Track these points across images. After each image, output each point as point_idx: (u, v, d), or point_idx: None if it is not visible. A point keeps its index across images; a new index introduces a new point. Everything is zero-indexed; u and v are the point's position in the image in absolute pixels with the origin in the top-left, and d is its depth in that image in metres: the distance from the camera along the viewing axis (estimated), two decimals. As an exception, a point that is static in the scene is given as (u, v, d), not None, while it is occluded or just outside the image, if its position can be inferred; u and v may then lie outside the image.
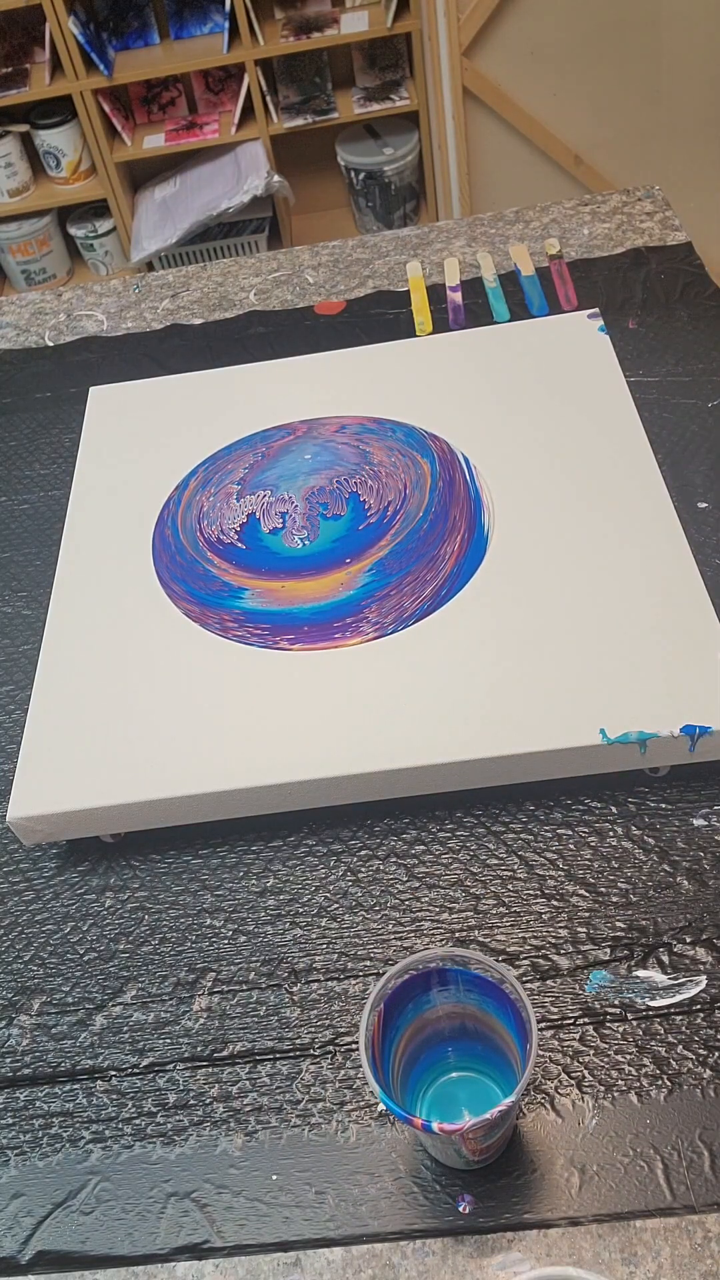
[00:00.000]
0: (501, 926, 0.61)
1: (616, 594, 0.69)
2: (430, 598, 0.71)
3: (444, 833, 0.65)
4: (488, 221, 1.09)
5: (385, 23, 2.04)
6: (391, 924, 0.62)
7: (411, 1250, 0.51)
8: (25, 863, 0.68)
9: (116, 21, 2.12)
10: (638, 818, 0.64)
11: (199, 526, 0.79)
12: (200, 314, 1.06)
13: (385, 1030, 0.50)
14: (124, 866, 0.67)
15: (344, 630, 0.70)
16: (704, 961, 0.58)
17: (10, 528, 0.88)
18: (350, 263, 1.09)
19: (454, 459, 0.80)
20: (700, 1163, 0.52)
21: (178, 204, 2.24)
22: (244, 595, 0.74)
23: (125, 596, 0.75)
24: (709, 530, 0.76)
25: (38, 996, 0.62)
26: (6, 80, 2.12)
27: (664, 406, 0.86)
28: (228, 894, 0.65)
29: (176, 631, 0.72)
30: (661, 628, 0.66)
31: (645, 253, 1.01)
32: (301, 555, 0.76)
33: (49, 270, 2.36)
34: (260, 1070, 0.58)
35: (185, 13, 2.12)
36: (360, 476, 0.80)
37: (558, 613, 0.68)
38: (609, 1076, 0.55)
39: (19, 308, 1.13)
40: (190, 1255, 0.52)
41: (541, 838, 0.64)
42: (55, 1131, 0.57)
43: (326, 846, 0.66)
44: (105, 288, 1.12)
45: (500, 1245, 0.51)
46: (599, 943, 0.59)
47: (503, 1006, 0.50)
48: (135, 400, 0.92)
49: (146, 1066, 0.59)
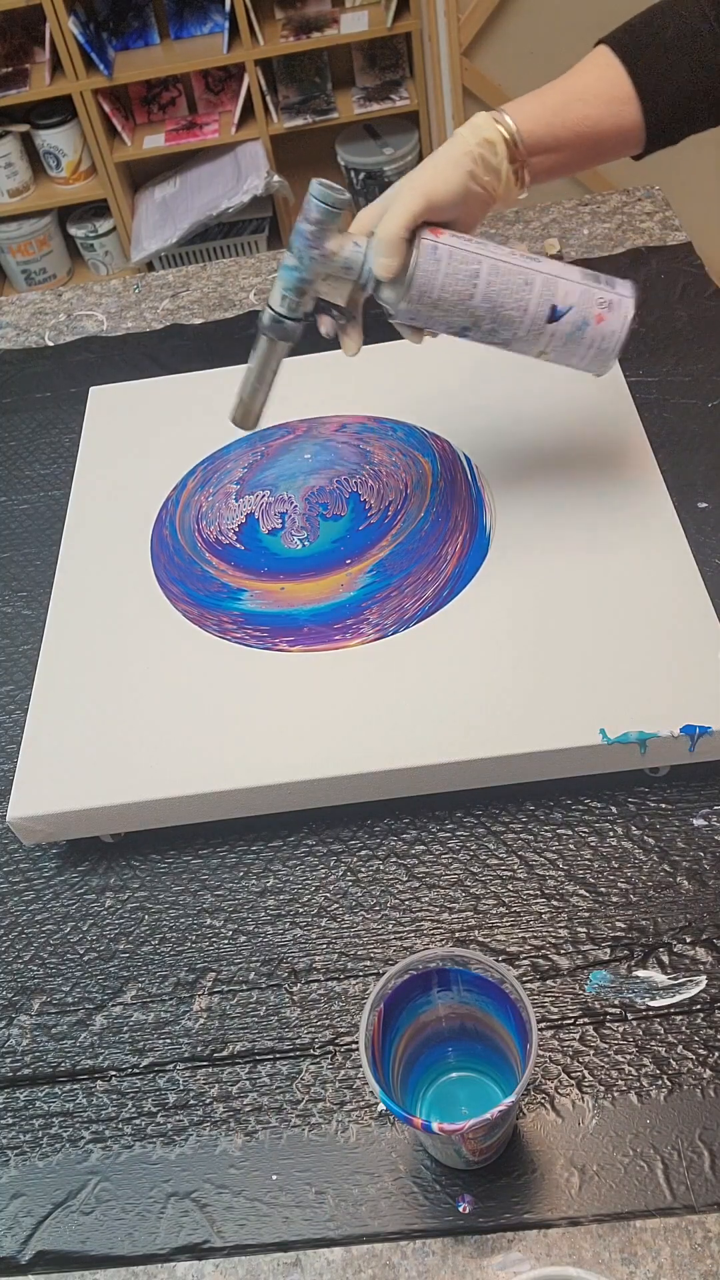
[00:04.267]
0: (501, 926, 0.61)
1: (617, 594, 0.69)
2: (431, 599, 0.71)
3: (444, 833, 0.65)
4: (488, 221, 1.09)
5: (385, 23, 2.04)
6: (391, 924, 0.62)
7: (411, 1250, 0.51)
8: (25, 863, 0.68)
9: (116, 21, 2.12)
10: (638, 818, 0.64)
11: (197, 527, 0.79)
12: (200, 314, 1.06)
13: (385, 1030, 0.50)
14: (124, 866, 0.67)
15: (344, 632, 0.70)
16: (704, 961, 0.58)
17: (10, 528, 0.88)
18: (350, 263, 1.09)
19: (455, 459, 0.80)
20: (700, 1163, 0.52)
21: (178, 204, 2.24)
22: (243, 596, 0.74)
23: (125, 597, 0.75)
24: (709, 530, 0.76)
25: (38, 996, 0.62)
26: (6, 80, 2.12)
27: (664, 406, 0.86)
28: (228, 894, 0.65)
29: (176, 632, 0.72)
30: (661, 628, 0.66)
31: (645, 253, 1.01)
32: (301, 556, 0.76)
33: (49, 270, 2.36)
34: (260, 1070, 0.58)
35: (185, 13, 2.12)
36: (360, 476, 0.80)
37: (558, 613, 0.68)
38: (609, 1076, 0.55)
39: (19, 308, 1.13)
40: (190, 1255, 0.52)
41: (541, 838, 0.64)
42: (55, 1131, 0.57)
43: (326, 846, 0.66)
44: (105, 288, 1.12)
45: (500, 1245, 0.51)
46: (599, 943, 0.59)
47: (503, 1006, 0.50)
48: (135, 400, 0.92)
49: (146, 1066, 0.59)
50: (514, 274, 0.63)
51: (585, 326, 0.64)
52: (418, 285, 0.63)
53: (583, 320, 0.64)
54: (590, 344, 0.65)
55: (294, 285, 0.64)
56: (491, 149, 0.63)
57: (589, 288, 0.64)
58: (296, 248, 0.63)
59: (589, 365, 0.67)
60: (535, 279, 0.63)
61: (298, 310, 0.65)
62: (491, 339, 0.66)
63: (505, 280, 0.63)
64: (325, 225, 0.62)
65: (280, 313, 0.65)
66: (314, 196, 0.61)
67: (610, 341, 0.65)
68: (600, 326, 0.64)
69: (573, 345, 0.65)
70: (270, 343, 0.67)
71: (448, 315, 0.64)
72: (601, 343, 0.65)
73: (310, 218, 0.62)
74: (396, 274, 0.62)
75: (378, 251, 0.62)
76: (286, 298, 0.65)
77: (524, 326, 0.64)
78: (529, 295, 0.63)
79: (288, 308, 0.65)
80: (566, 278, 0.64)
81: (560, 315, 0.63)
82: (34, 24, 2.11)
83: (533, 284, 0.63)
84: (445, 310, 0.64)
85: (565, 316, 0.63)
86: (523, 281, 0.63)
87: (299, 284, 0.64)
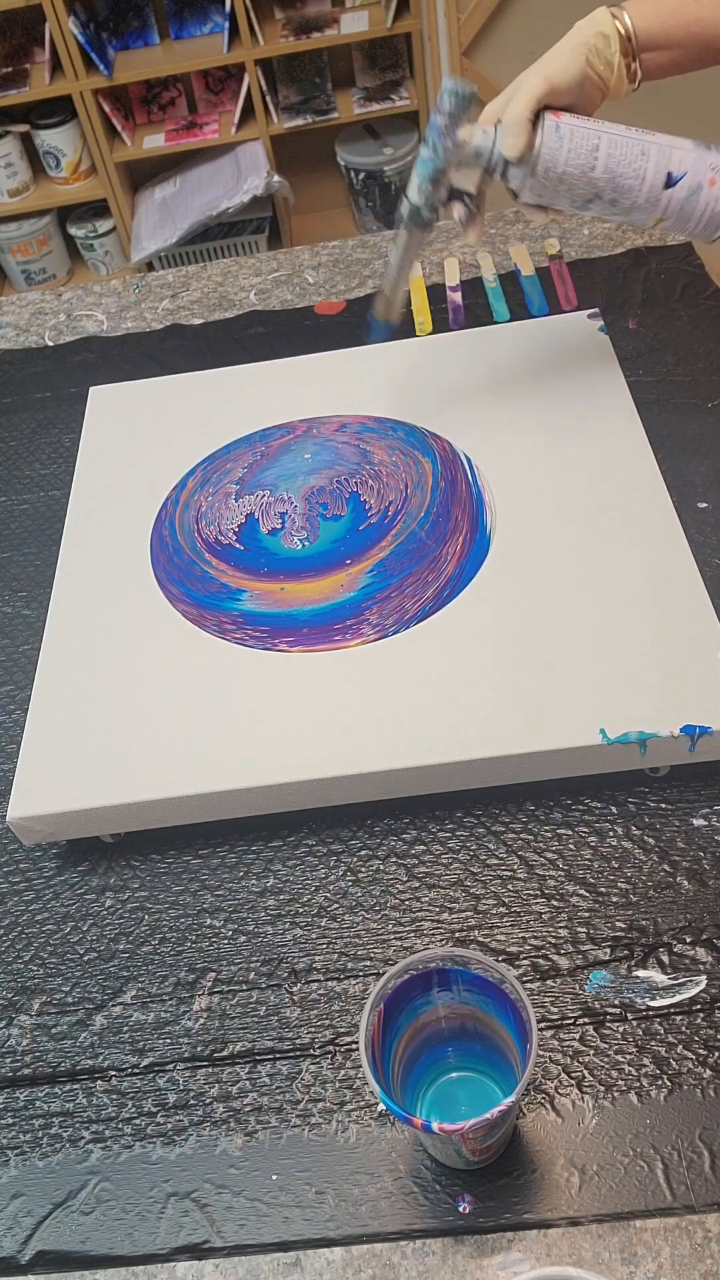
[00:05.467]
0: (501, 926, 0.61)
1: (617, 594, 0.69)
2: (432, 599, 0.71)
3: (444, 833, 0.65)
4: (488, 221, 1.09)
5: (385, 23, 2.04)
6: (391, 924, 0.62)
7: (411, 1250, 0.51)
8: (25, 863, 0.68)
9: (116, 21, 2.12)
10: (638, 818, 0.64)
11: (196, 527, 0.79)
12: (200, 314, 1.06)
13: (385, 1030, 0.50)
14: (124, 866, 0.67)
15: (344, 633, 0.70)
16: (704, 961, 0.58)
17: (10, 528, 0.88)
18: (350, 263, 1.09)
19: (456, 458, 0.80)
20: (700, 1163, 0.52)
21: (178, 204, 2.24)
22: (242, 597, 0.74)
23: (125, 597, 0.75)
24: (709, 530, 0.76)
25: (38, 996, 0.62)
26: (6, 80, 2.12)
27: (664, 406, 0.86)
28: (228, 894, 0.65)
29: (176, 633, 0.72)
30: (661, 628, 0.66)
31: (645, 253, 1.01)
32: (301, 556, 0.76)
33: (49, 270, 2.36)
34: (260, 1070, 0.58)
35: (185, 13, 2.12)
36: (361, 476, 0.80)
37: (558, 613, 0.68)
38: (609, 1076, 0.55)
39: (19, 308, 1.13)
40: (190, 1255, 0.52)
41: (541, 838, 0.64)
42: (55, 1131, 0.57)
43: (326, 846, 0.66)
44: (105, 288, 1.12)
45: (500, 1245, 0.51)
46: (599, 943, 0.59)
47: (503, 1006, 0.50)
48: (135, 400, 0.92)
49: (146, 1066, 0.59)
50: (631, 145, 0.67)
51: (699, 191, 0.67)
52: (543, 161, 0.67)
53: (697, 184, 0.67)
54: (704, 208, 0.68)
55: (430, 175, 0.69)
56: (606, 41, 0.67)
57: (701, 154, 0.68)
58: (431, 139, 0.68)
59: (704, 230, 0.70)
60: (650, 149, 0.67)
61: (434, 199, 0.70)
62: (613, 209, 0.69)
63: (623, 151, 0.67)
64: (457, 116, 0.68)
65: (417, 204, 0.70)
66: (445, 90, 0.66)
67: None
68: (714, 190, 0.67)
69: (689, 210, 0.68)
70: (410, 233, 0.72)
71: (572, 189, 0.68)
72: (715, 205, 0.68)
73: (443, 109, 0.67)
74: (524, 152, 0.67)
75: (506, 133, 0.67)
76: (423, 188, 0.69)
77: (643, 194, 0.68)
78: (646, 164, 0.67)
79: (424, 198, 0.70)
80: (679, 147, 0.68)
81: (676, 181, 0.67)
82: (34, 24, 2.11)
83: (649, 154, 0.67)
84: (570, 184, 0.68)
85: (681, 182, 0.67)
86: (639, 152, 0.67)
87: (435, 174, 0.69)
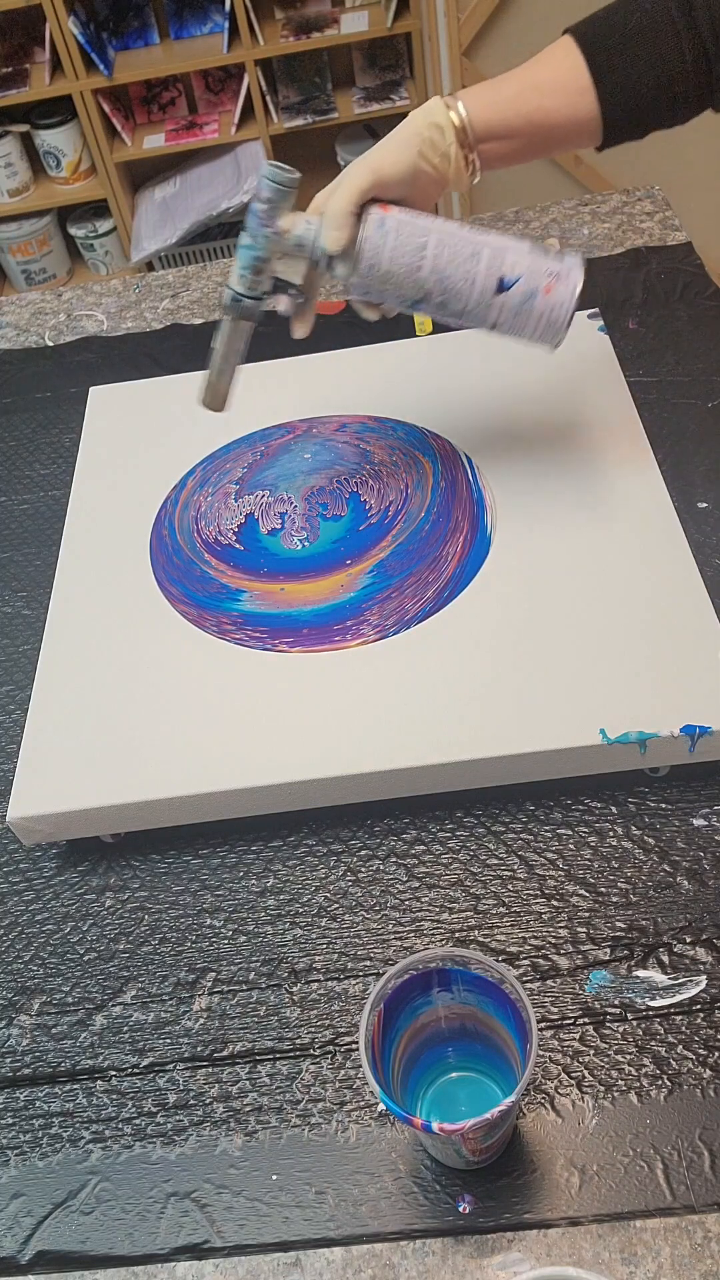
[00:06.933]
0: (501, 926, 0.61)
1: (617, 594, 0.69)
2: (432, 599, 0.71)
3: (444, 833, 0.65)
4: (488, 221, 1.09)
5: (385, 23, 2.04)
6: (391, 924, 0.62)
7: (411, 1250, 0.51)
8: (25, 863, 0.68)
9: (116, 21, 2.12)
10: (638, 818, 0.64)
11: (196, 527, 0.79)
12: (200, 314, 1.06)
13: (385, 1030, 0.50)
14: (124, 866, 0.67)
15: (344, 633, 0.70)
16: (704, 961, 0.58)
17: (10, 528, 0.88)
18: (350, 263, 1.09)
19: (456, 458, 0.80)
20: (700, 1163, 0.52)
21: (178, 204, 2.24)
22: (242, 597, 0.74)
23: (125, 598, 0.75)
24: (709, 530, 0.76)
25: (38, 996, 0.62)
26: (6, 80, 2.12)
27: (664, 406, 0.86)
28: (228, 894, 0.65)
29: (175, 633, 0.72)
30: (661, 628, 0.66)
31: (645, 253, 1.01)
32: (301, 556, 0.76)
33: (49, 270, 2.36)
34: (260, 1070, 0.58)
35: (185, 13, 2.12)
36: (361, 476, 0.80)
37: (558, 613, 0.68)
38: (609, 1076, 0.55)
39: (19, 308, 1.13)
40: (190, 1255, 0.52)
41: (541, 838, 0.64)
42: (55, 1131, 0.57)
43: (326, 846, 0.66)
44: (105, 288, 1.12)
45: (500, 1245, 0.51)
46: (599, 943, 0.59)
47: (503, 1006, 0.50)
48: (135, 400, 0.92)
49: (146, 1066, 0.59)
50: (461, 246, 0.64)
51: (534, 297, 0.65)
52: (366, 258, 0.64)
53: (531, 291, 0.64)
54: (540, 315, 0.65)
55: (250, 263, 0.66)
56: (440, 133, 0.64)
57: (536, 259, 0.65)
58: (250, 226, 0.65)
59: (540, 337, 0.67)
60: (483, 250, 0.64)
61: (256, 289, 0.67)
62: (443, 312, 0.67)
63: (453, 252, 0.64)
64: (277, 204, 0.64)
65: (239, 291, 0.67)
66: (265, 176, 0.63)
67: (559, 312, 0.65)
68: (549, 297, 0.65)
69: (523, 317, 0.66)
70: (233, 322, 0.69)
71: (398, 288, 0.65)
72: (550, 313, 0.65)
73: (262, 197, 0.64)
74: (345, 247, 0.64)
75: (327, 225, 0.64)
76: (244, 276, 0.66)
77: (473, 298, 0.65)
78: (476, 267, 0.64)
79: (246, 286, 0.67)
80: (515, 249, 0.65)
81: (508, 286, 0.64)
82: (34, 24, 2.11)
83: (480, 255, 0.64)
84: (395, 283, 0.65)
85: (514, 287, 0.64)
86: (470, 253, 0.64)
87: (255, 262, 0.66)
